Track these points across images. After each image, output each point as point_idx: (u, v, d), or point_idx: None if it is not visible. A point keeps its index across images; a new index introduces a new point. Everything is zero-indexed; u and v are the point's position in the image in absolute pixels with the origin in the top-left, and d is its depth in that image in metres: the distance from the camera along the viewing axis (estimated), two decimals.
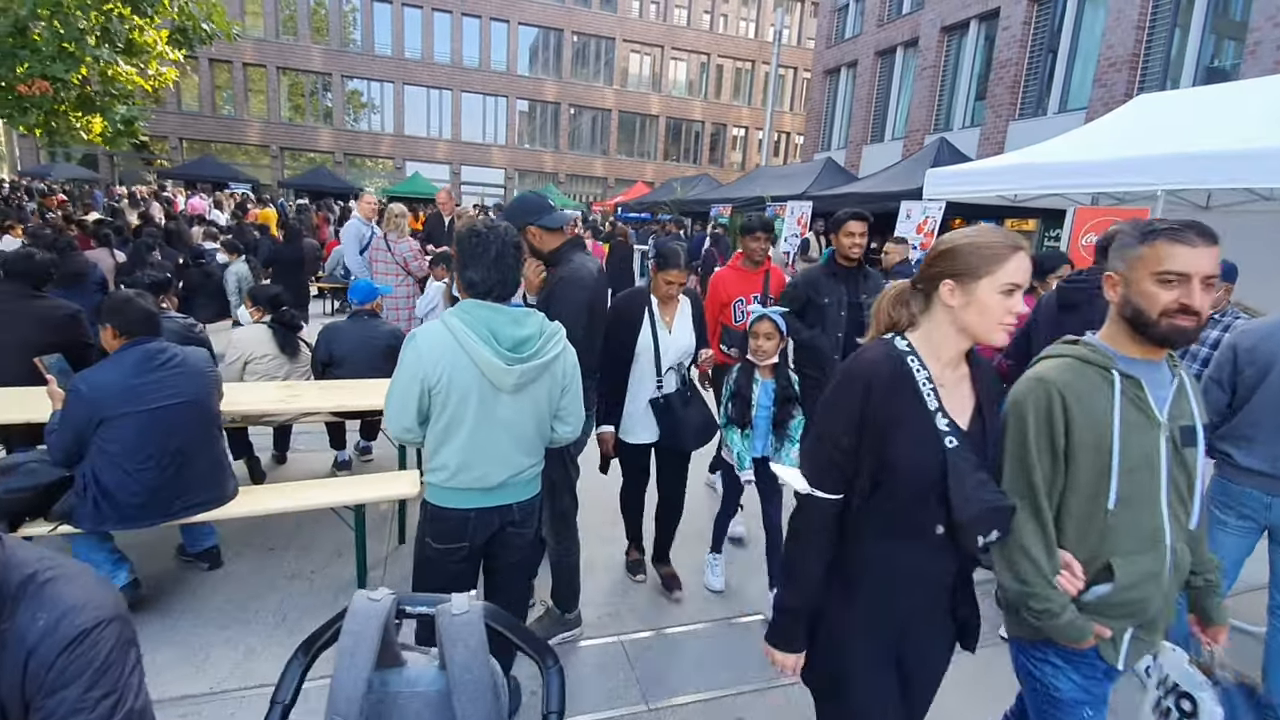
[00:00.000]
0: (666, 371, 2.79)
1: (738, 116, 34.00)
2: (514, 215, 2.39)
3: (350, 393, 3.38)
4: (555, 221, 2.40)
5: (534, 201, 2.44)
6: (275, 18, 27.72)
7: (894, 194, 9.58)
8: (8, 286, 3.18)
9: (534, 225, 2.36)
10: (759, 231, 3.64)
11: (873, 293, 2.94)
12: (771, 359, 2.78)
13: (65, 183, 22.72)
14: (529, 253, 2.40)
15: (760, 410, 2.80)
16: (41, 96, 7.30)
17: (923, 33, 15.77)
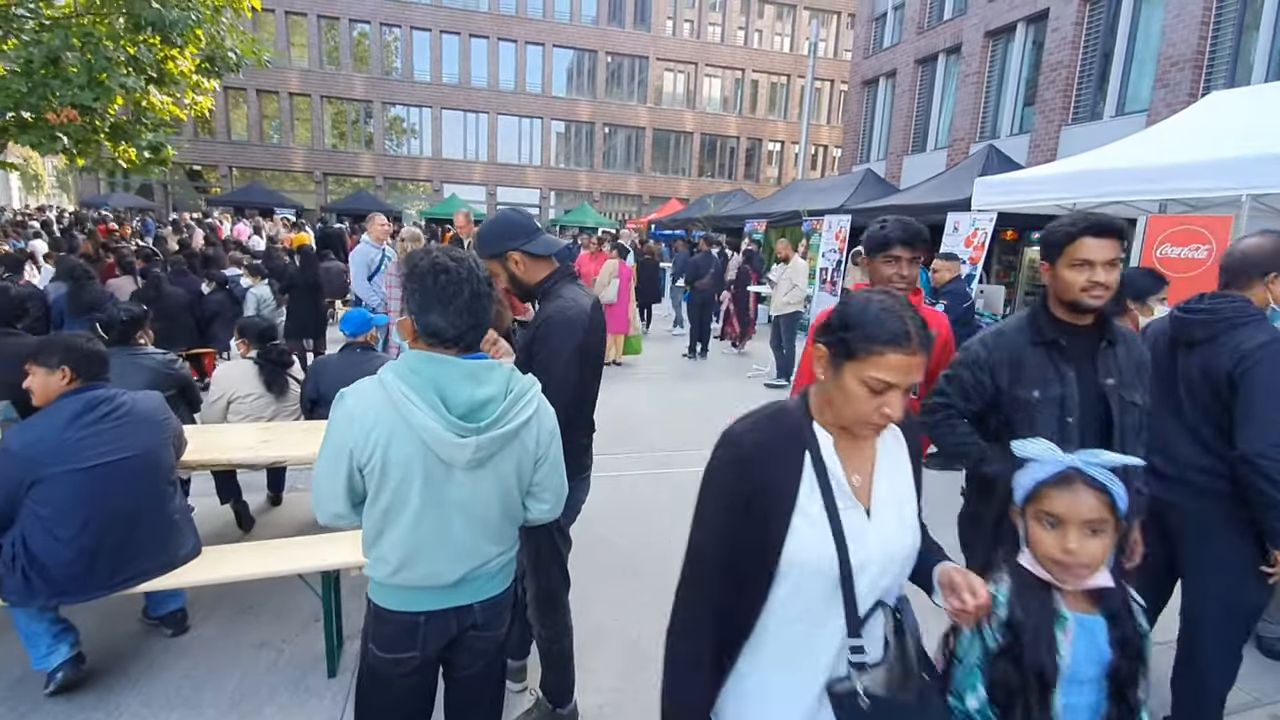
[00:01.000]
0: (868, 615, 1.16)
1: (773, 131, 33.59)
2: (494, 238, 2.01)
3: None
4: (543, 248, 2.02)
5: (518, 222, 2.03)
6: (319, 49, 28.60)
7: (939, 205, 9.02)
8: None
9: (518, 250, 1.99)
10: (899, 248, 2.18)
11: (1130, 370, 1.81)
12: (1094, 572, 1.25)
13: (121, 211, 23.61)
14: (507, 283, 2.05)
15: (1076, 682, 1.24)
16: (70, 125, 7.38)
17: (965, 38, 15.20)
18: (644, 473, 4.87)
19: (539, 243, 2.02)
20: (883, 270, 2.24)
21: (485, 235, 2.05)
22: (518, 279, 2.03)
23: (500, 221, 2.06)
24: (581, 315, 1.97)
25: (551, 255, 2.05)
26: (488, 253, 2.00)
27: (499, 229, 2.03)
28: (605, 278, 8.09)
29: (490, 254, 2.00)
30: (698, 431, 5.92)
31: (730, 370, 8.71)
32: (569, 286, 2.04)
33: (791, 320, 7.63)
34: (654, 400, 6.96)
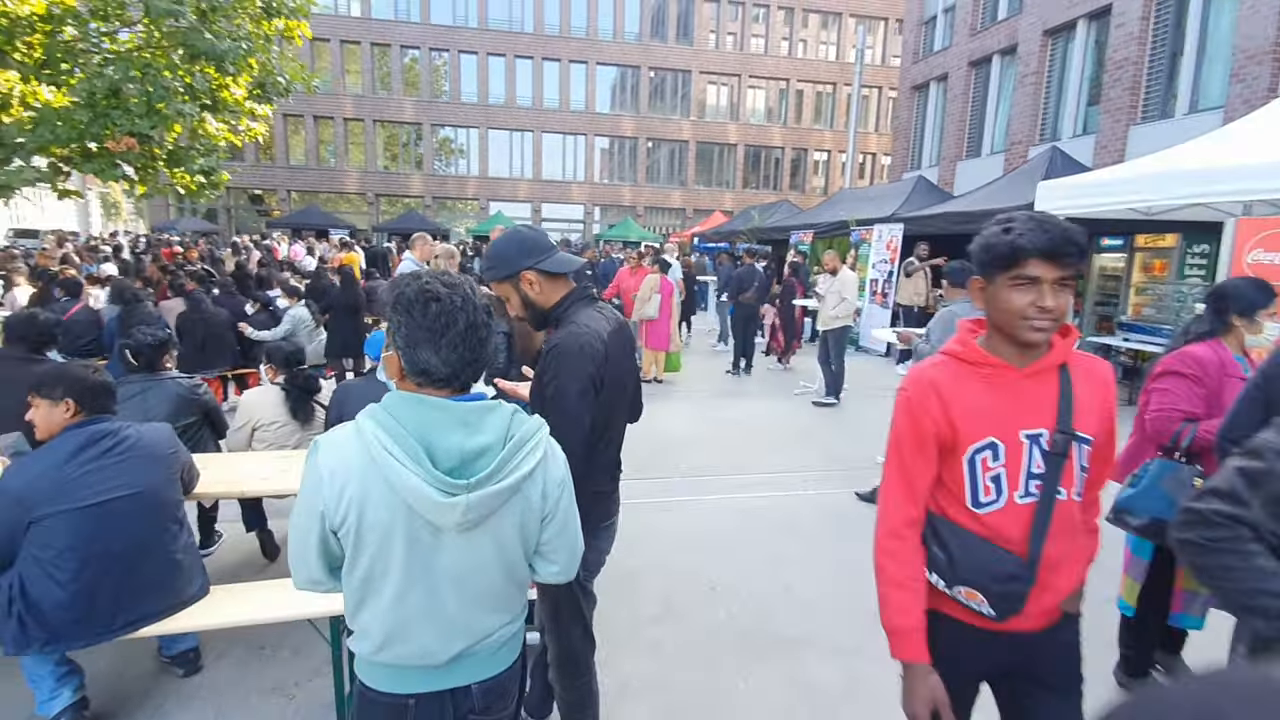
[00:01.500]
0: None
1: (819, 140, 33.05)
2: (506, 256, 1.80)
3: None
4: (560, 265, 1.81)
5: (531, 238, 1.83)
6: (372, 75, 29.59)
7: (998, 211, 8.51)
8: (6, 350, 2.98)
9: (532, 270, 1.78)
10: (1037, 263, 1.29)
11: None
12: None
13: (187, 235, 24.77)
14: (521, 305, 1.85)
15: None
16: (129, 153, 7.66)
17: (1022, 38, 14.58)
18: (682, 499, 4.61)
19: (554, 260, 1.80)
20: (1011, 299, 1.31)
21: (496, 254, 1.84)
22: (532, 302, 1.82)
23: (511, 239, 1.84)
24: (596, 342, 1.74)
25: (568, 275, 1.85)
26: (500, 274, 1.81)
27: (511, 246, 1.81)
28: (646, 293, 7.90)
29: (503, 275, 1.81)
30: (741, 453, 5.64)
31: (775, 387, 8.37)
32: (585, 310, 1.82)
33: (840, 335, 7.26)
34: (695, 419, 6.70)
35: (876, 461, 5.40)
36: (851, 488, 4.83)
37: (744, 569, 3.63)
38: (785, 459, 5.51)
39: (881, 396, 7.89)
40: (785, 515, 4.36)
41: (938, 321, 4.24)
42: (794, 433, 6.31)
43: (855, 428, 6.55)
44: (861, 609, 3.24)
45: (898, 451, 1.45)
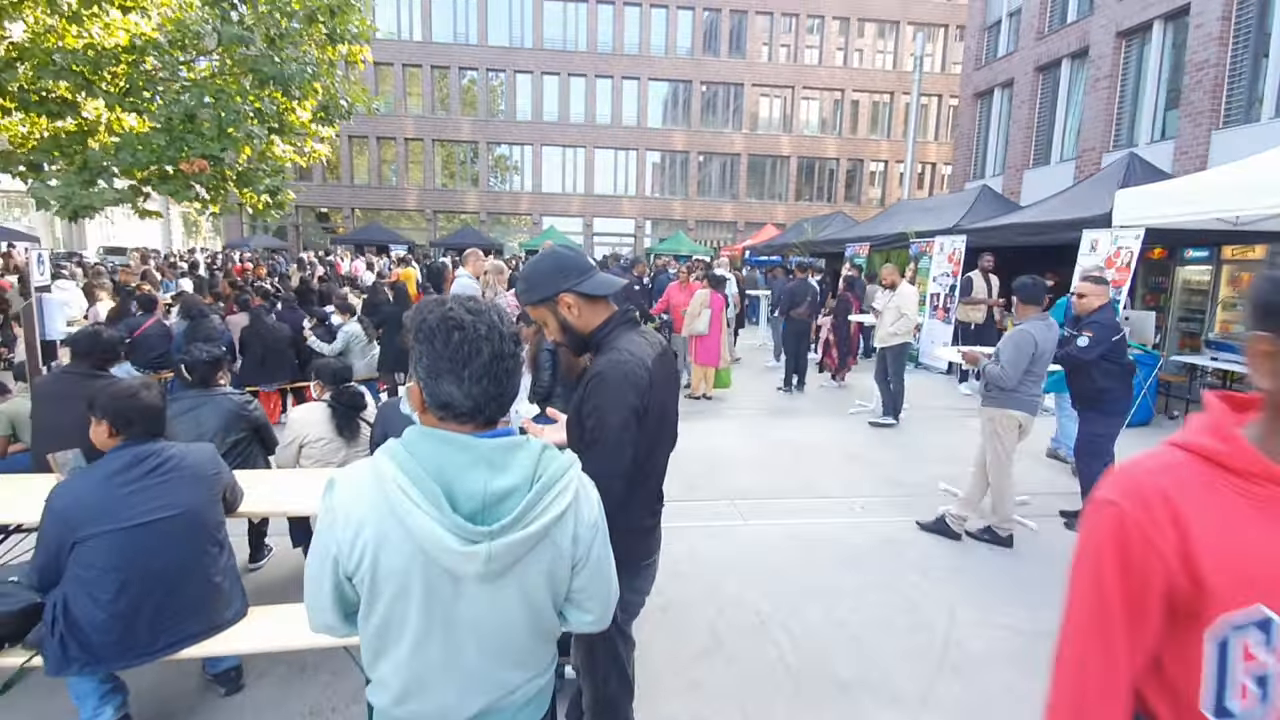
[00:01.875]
0: None
1: (875, 151, 32.33)
2: (543, 278, 1.71)
3: None
4: (600, 287, 1.70)
5: (569, 258, 1.73)
6: (432, 96, 30.63)
7: (1073, 222, 8.05)
8: (72, 366, 3.08)
9: (569, 292, 1.68)
10: None
11: None
12: None
13: (259, 251, 26.03)
14: (559, 330, 1.75)
15: None
16: (201, 174, 8.05)
17: (1094, 40, 13.91)
18: (730, 524, 4.43)
19: (594, 282, 1.70)
20: None
21: (531, 276, 1.74)
22: (571, 326, 1.71)
23: (548, 259, 1.74)
24: (640, 369, 1.63)
25: (608, 297, 1.74)
26: (536, 296, 1.71)
27: (548, 267, 1.71)
28: (696, 308, 7.77)
29: (539, 298, 1.71)
30: (793, 475, 5.42)
31: (829, 405, 8.08)
32: (628, 335, 1.71)
33: (899, 353, 6.94)
34: (745, 438, 6.50)
35: (939, 488, 5.09)
36: (911, 515, 4.55)
37: (795, 601, 3.43)
38: (840, 482, 5.26)
39: (943, 417, 7.51)
40: (840, 544, 4.13)
41: (1008, 342, 3.96)
42: (849, 454, 6.04)
43: (915, 450, 6.22)
44: (922, 652, 3.01)
45: (1092, 603, 0.92)
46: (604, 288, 1.71)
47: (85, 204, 7.48)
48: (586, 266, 1.73)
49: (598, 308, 1.72)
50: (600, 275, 1.73)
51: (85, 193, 7.54)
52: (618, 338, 1.69)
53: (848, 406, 7.94)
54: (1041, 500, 4.94)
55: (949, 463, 5.80)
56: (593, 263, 1.78)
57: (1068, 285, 7.82)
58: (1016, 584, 3.67)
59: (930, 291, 10.44)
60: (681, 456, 5.65)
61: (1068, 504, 4.78)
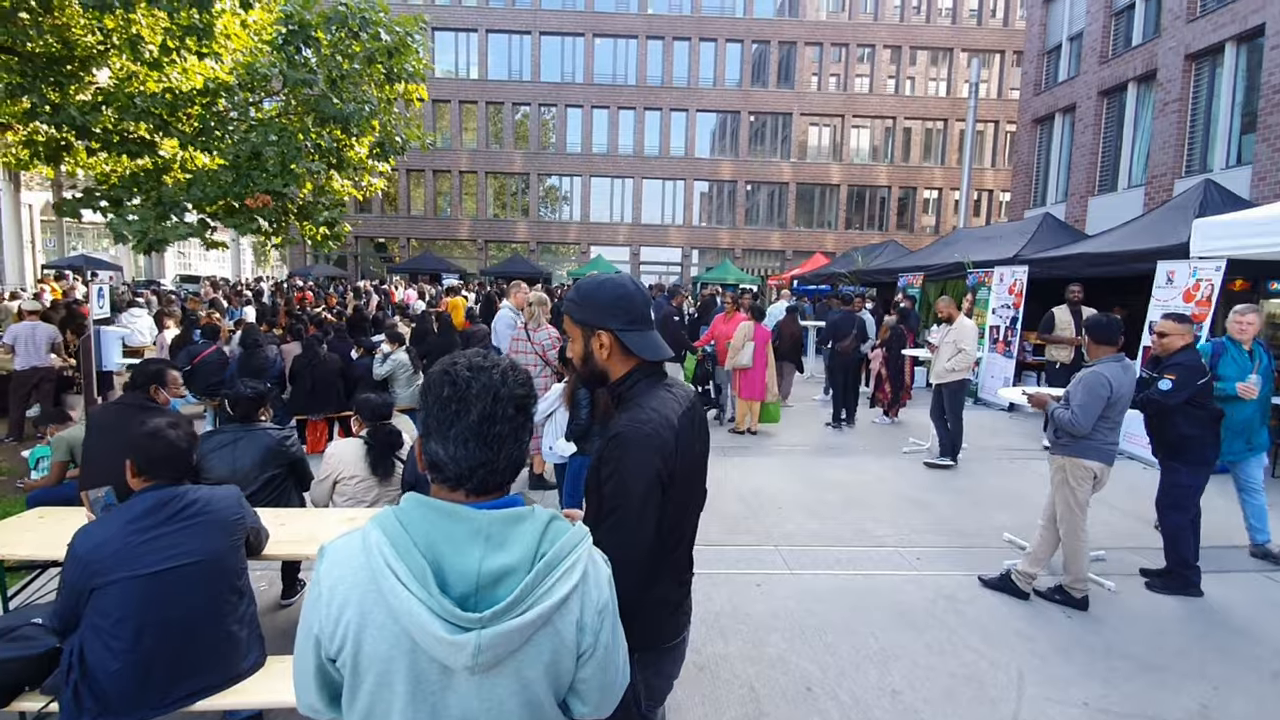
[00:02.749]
0: None
1: (929, 178, 31.67)
2: (596, 305, 1.56)
3: None
4: (642, 348, 1.54)
5: (630, 300, 1.55)
6: (486, 131, 31.66)
7: (1146, 252, 7.58)
8: (126, 397, 3.13)
9: (611, 333, 1.54)
10: None
11: None
12: None
13: (320, 280, 27.11)
14: (580, 355, 1.60)
15: None
16: (265, 209, 8.39)
17: (1162, 63, 13.36)
18: (774, 572, 4.19)
19: (640, 338, 1.54)
20: None
21: (587, 295, 1.58)
22: (593, 361, 1.58)
23: (612, 290, 1.56)
24: (665, 430, 1.46)
25: (649, 359, 1.57)
26: (579, 315, 1.57)
27: (607, 299, 1.56)
28: (740, 340, 7.58)
29: (581, 319, 1.57)
30: (842, 519, 5.13)
31: (882, 443, 7.72)
32: (655, 392, 1.54)
33: (957, 390, 6.58)
34: (791, 478, 6.23)
35: (1003, 539, 4.73)
36: (972, 569, 4.22)
37: (845, 665, 3.18)
38: (893, 529, 4.95)
39: (1005, 459, 7.07)
40: (895, 599, 3.84)
41: (1080, 386, 3.66)
42: (903, 498, 5.70)
43: (975, 495, 5.83)
44: None
45: None
46: (646, 350, 1.55)
47: (159, 238, 7.88)
48: (643, 316, 1.56)
49: (628, 358, 1.57)
50: (650, 336, 1.57)
51: (159, 227, 7.95)
52: (641, 393, 1.54)
53: (901, 445, 7.57)
54: (1120, 556, 4.52)
55: (1012, 509, 5.42)
56: (652, 317, 1.59)
57: (1139, 319, 7.34)
58: (1093, 653, 3.31)
59: (989, 324, 9.98)
60: (723, 496, 5.45)
61: (1149, 560, 4.36)
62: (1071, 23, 16.58)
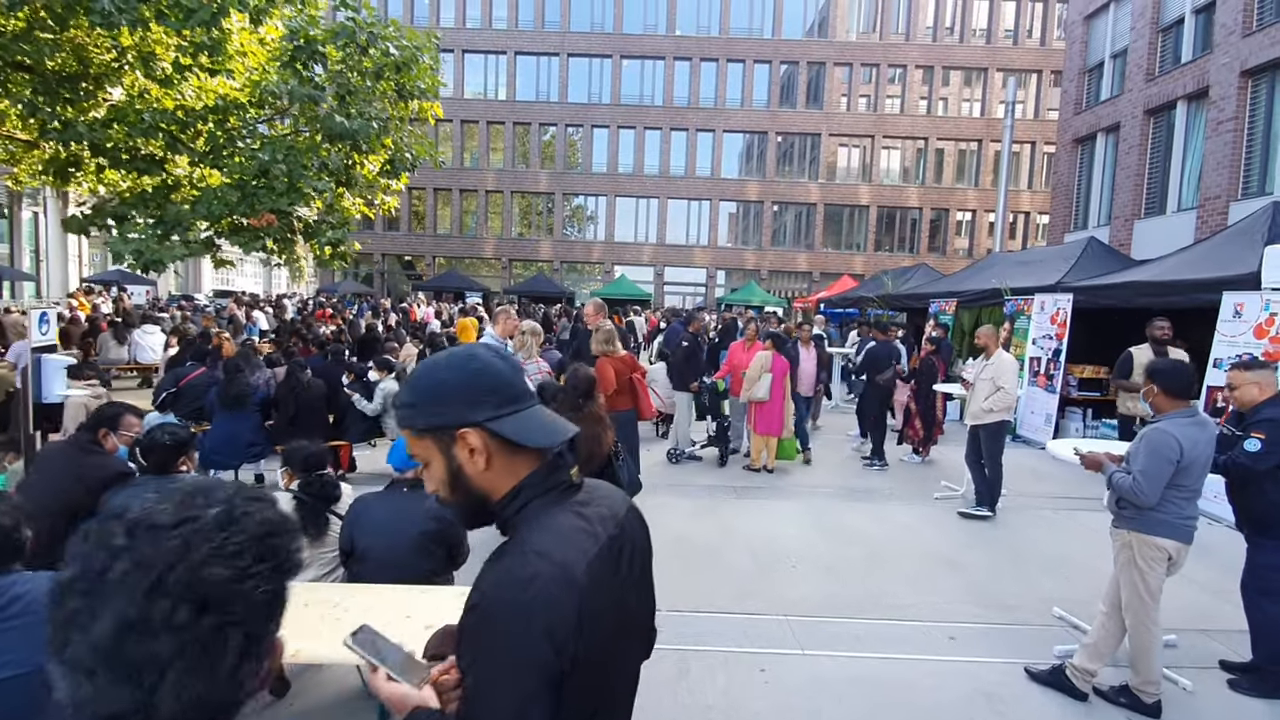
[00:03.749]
0: None
1: (962, 200, 30.82)
2: (440, 395, 1.04)
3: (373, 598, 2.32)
4: (528, 434, 1.03)
5: (488, 370, 1.05)
6: (513, 151, 31.83)
7: (1207, 282, 6.87)
8: (75, 437, 2.81)
9: (480, 429, 1.02)
10: None
11: None
12: None
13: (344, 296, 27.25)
14: (446, 481, 1.05)
15: None
16: (269, 227, 8.15)
17: (1214, 80, 12.63)
18: (782, 651, 3.61)
19: (522, 422, 1.03)
20: None
21: (428, 389, 1.04)
22: (466, 481, 1.03)
23: (461, 368, 1.04)
24: (561, 590, 0.93)
25: (543, 449, 1.06)
26: (423, 421, 1.04)
27: (459, 382, 1.03)
28: (755, 372, 7.04)
29: (426, 425, 1.04)
30: (863, 582, 4.53)
31: (911, 486, 7.07)
32: (553, 518, 1.02)
33: (996, 432, 5.93)
34: (807, 526, 5.64)
35: (1054, 615, 4.09)
36: (1015, 654, 3.59)
37: None
38: (922, 596, 4.34)
39: (1050, 509, 6.37)
40: (922, 694, 3.24)
41: (1143, 447, 3.06)
42: (934, 556, 5.07)
43: (1017, 554, 5.18)
44: None
45: None
46: (536, 435, 1.03)
47: (157, 258, 7.67)
48: (519, 390, 1.06)
49: (516, 461, 1.04)
50: (536, 415, 1.06)
51: (158, 247, 7.75)
52: (535, 519, 1.01)
53: (932, 489, 6.92)
54: (1193, 642, 3.85)
55: (1061, 574, 4.76)
56: (531, 389, 1.10)
57: (1201, 355, 6.62)
58: None
59: (1029, 355, 9.28)
60: (732, 547, 4.86)
61: (1231, 649, 3.69)
62: (1115, 40, 15.88)
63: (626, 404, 5.48)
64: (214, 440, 5.53)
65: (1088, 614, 3.89)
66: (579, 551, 0.97)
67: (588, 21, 30.96)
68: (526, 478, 1.04)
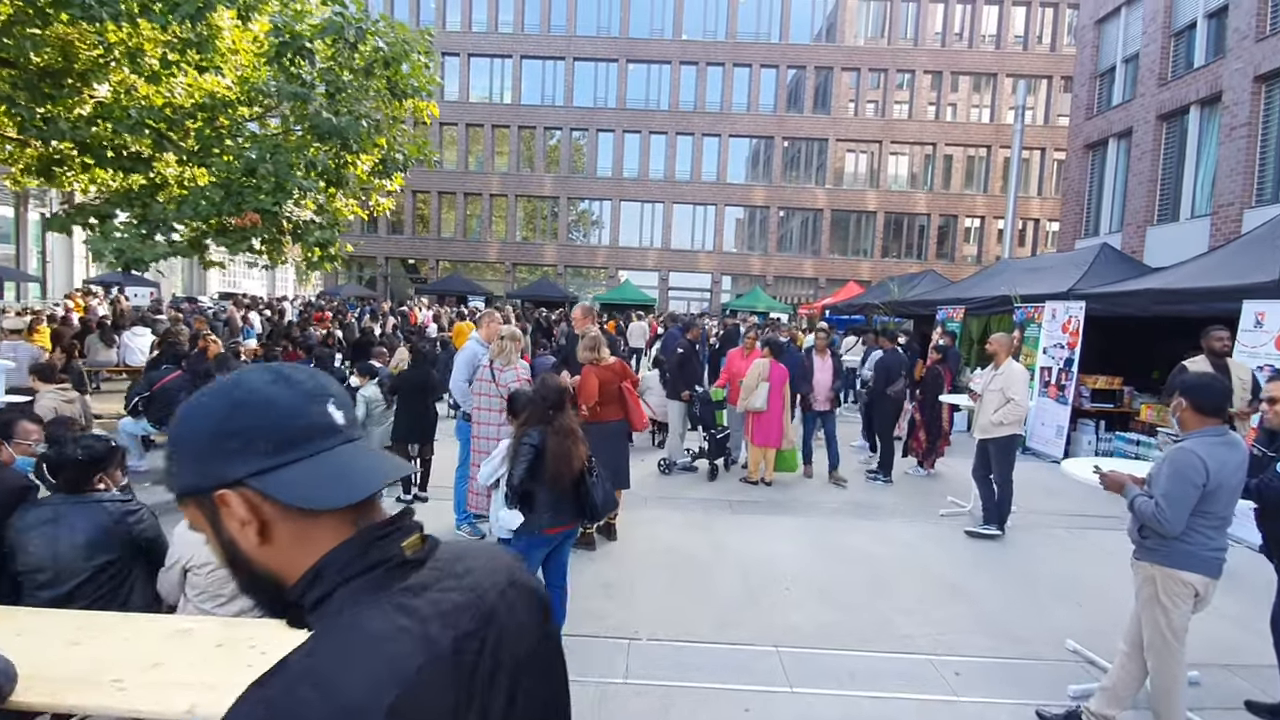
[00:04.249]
0: None
1: (970, 206, 30.46)
2: (196, 442, 0.72)
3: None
4: (315, 489, 0.70)
5: (256, 402, 0.72)
6: (518, 155, 31.68)
7: (1226, 290, 6.55)
8: None
9: (244, 488, 0.70)
10: None
11: None
12: None
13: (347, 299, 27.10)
14: (226, 559, 0.74)
15: None
16: (253, 227, 7.95)
17: (1227, 85, 12.34)
18: (772, 689, 3.31)
19: (308, 471, 0.72)
20: None
21: (180, 438, 0.73)
22: (246, 562, 0.74)
23: (217, 408, 0.73)
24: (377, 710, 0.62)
25: (338, 507, 0.72)
26: (180, 481, 0.73)
27: (211, 428, 0.71)
28: (753, 380, 6.75)
29: (184, 485, 0.73)
30: (862, 609, 4.21)
31: (916, 501, 6.76)
32: (369, 609, 0.70)
33: (1006, 446, 5.62)
34: (805, 545, 5.34)
35: (1067, 648, 3.77)
36: (1026, 693, 3.28)
37: None
38: (925, 625, 4.02)
39: (1062, 528, 6.04)
40: None
41: (1166, 468, 2.76)
42: (939, 580, 4.76)
43: (1027, 577, 4.85)
44: None
45: None
46: (327, 488, 0.71)
47: (138, 257, 7.47)
48: (305, 428, 0.74)
49: (314, 530, 0.73)
50: (337, 457, 0.74)
51: (140, 245, 7.55)
52: (329, 621, 0.70)
53: (938, 504, 6.60)
54: (1216, 679, 3.53)
55: (1075, 600, 4.44)
56: (338, 421, 0.76)
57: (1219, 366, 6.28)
58: None
59: (1039, 365, 8.95)
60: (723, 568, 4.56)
61: (1257, 687, 3.37)
62: (1126, 44, 15.57)
63: (615, 414, 5.20)
64: None
65: (1104, 647, 3.58)
66: (386, 675, 0.64)
67: (594, 25, 30.83)
68: (329, 555, 0.73)
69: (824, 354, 7.59)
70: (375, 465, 0.77)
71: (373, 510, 0.77)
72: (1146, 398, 8.63)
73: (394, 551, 0.74)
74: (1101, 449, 8.54)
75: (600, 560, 4.84)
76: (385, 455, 0.82)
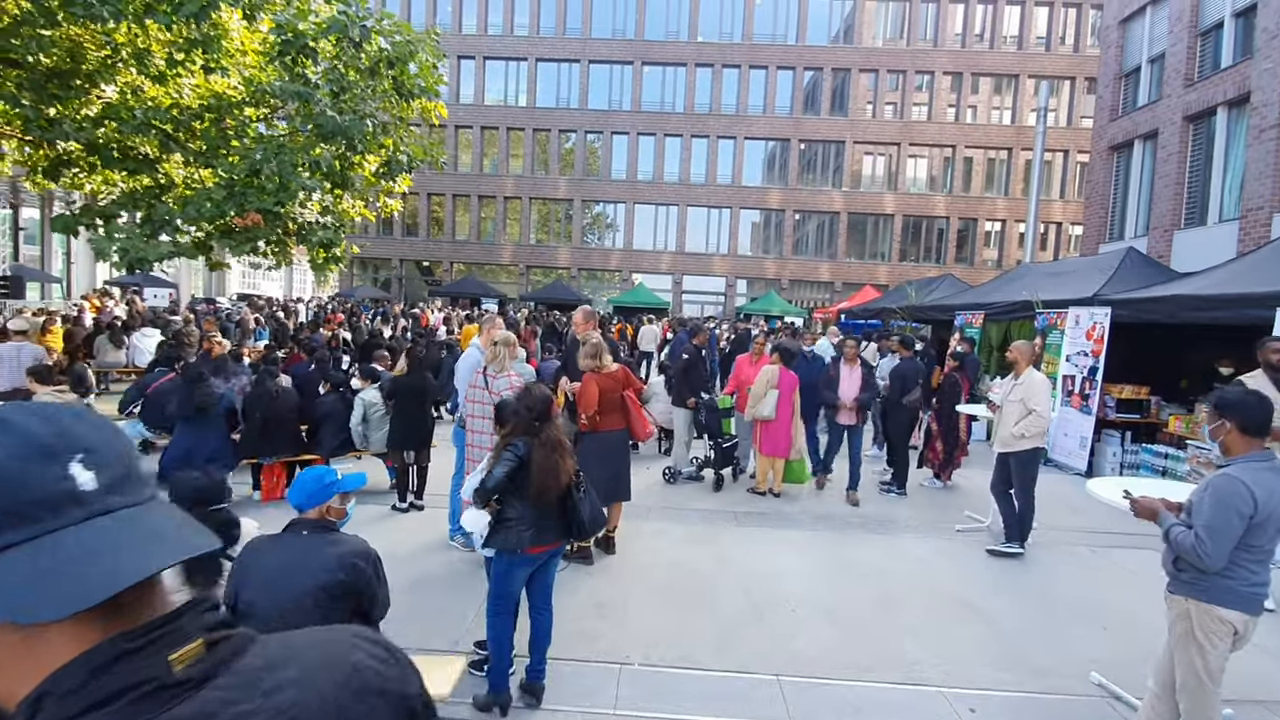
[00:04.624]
0: None
1: (991, 210, 29.91)
2: None
3: None
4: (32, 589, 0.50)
5: None
6: (532, 157, 31.67)
7: (1261, 296, 6.22)
8: None
9: None
10: None
11: None
12: None
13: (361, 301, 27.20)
14: None
15: None
16: (257, 229, 7.88)
17: (1256, 86, 11.90)
18: (772, 718, 3.10)
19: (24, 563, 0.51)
20: None
21: None
22: None
23: None
24: None
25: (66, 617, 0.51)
26: None
27: None
28: (761, 388, 6.53)
29: None
30: (869, 633, 3.97)
31: (931, 515, 6.49)
32: None
33: (1027, 460, 5.34)
34: (811, 562, 5.11)
35: (1093, 682, 3.51)
36: None
37: None
38: (938, 652, 3.78)
39: (1086, 547, 5.75)
40: None
41: (1209, 496, 2.50)
42: (954, 601, 4.51)
43: (1049, 600, 4.58)
44: None
45: None
46: (50, 590, 0.50)
47: (141, 256, 7.43)
48: (15, 505, 0.53)
49: (40, 642, 0.53)
50: (67, 543, 0.53)
51: (144, 245, 7.51)
52: None
53: (954, 519, 6.33)
54: (1251, 715, 3.26)
55: (1099, 624, 4.17)
56: (84, 487, 0.56)
57: None
58: None
59: (1062, 373, 8.63)
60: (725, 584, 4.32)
61: None
62: (1152, 44, 15.14)
63: (617, 424, 5.01)
64: (172, 453, 5.18)
65: (1130, 680, 3.33)
66: None
67: (609, 28, 30.76)
68: (50, 679, 0.52)
69: (854, 363, 7.07)
70: (139, 547, 0.56)
71: (141, 606, 0.58)
72: (1174, 408, 8.28)
73: (151, 671, 0.54)
74: (1127, 461, 8.20)
75: (597, 575, 4.64)
76: (172, 524, 0.63)
